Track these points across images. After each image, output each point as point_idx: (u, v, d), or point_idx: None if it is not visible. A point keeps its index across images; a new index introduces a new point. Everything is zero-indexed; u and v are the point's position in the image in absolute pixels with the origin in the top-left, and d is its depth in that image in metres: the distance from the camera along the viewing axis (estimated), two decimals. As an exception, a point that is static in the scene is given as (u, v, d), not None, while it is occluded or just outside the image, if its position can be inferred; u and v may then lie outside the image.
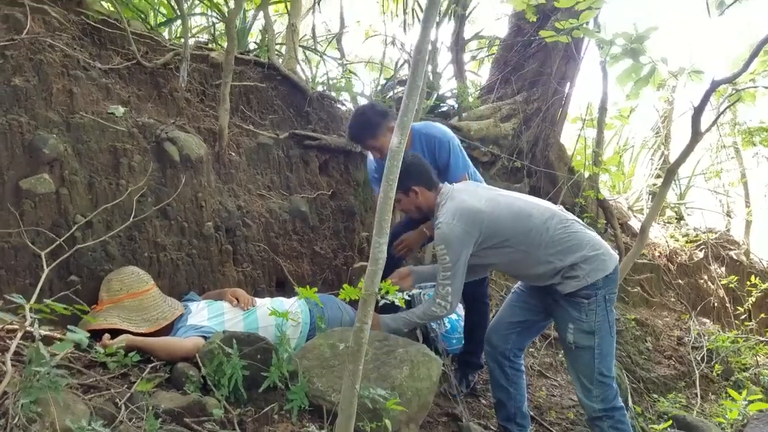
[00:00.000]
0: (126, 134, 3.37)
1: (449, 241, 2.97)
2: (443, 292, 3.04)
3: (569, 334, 3.06)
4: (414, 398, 3.01)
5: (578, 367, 3.13)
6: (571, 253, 3.00)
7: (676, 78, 5.53)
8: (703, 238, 8.75)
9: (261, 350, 2.87)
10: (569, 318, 3.05)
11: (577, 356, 3.10)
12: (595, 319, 3.00)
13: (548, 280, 3.07)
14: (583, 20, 5.10)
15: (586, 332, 3.02)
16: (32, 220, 2.97)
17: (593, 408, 3.08)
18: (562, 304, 3.07)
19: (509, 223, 3.04)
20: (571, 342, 3.06)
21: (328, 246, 4.36)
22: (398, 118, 2.33)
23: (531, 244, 3.02)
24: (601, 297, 3.00)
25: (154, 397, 2.54)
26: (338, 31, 7.38)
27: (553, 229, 3.03)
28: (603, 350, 3.04)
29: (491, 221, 3.02)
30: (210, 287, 3.55)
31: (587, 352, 3.04)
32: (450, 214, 3.00)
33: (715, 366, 6.38)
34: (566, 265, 2.99)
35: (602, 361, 3.04)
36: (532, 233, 3.02)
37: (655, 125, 10.25)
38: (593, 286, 2.98)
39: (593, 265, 2.99)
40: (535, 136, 6.50)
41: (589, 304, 2.99)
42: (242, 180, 4.00)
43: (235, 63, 4.33)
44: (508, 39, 6.94)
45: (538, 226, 3.03)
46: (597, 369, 3.04)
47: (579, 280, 2.97)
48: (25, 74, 3.14)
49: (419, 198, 3.17)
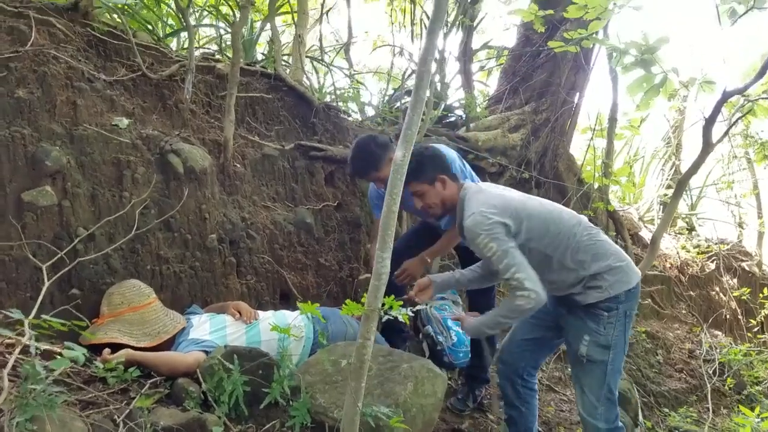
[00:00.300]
0: (130, 146, 3.35)
1: (486, 228, 2.76)
2: (515, 283, 2.73)
3: (583, 346, 2.91)
4: (418, 415, 2.96)
5: (587, 381, 2.97)
6: (596, 261, 2.86)
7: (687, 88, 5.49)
8: (714, 250, 8.64)
9: (262, 365, 2.83)
10: (585, 330, 2.91)
11: (587, 371, 2.95)
12: (612, 333, 2.86)
13: (567, 289, 2.93)
14: (592, 30, 5.08)
15: (602, 346, 2.88)
16: (34, 233, 2.95)
17: (596, 427, 2.95)
18: (579, 315, 2.93)
19: (540, 221, 2.88)
20: (584, 354, 2.91)
21: (333, 258, 4.33)
22: (402, 131, 2.30)
23: (557, 247, 2.87)
24: (621, 311, 2.86)
25: (154, 414, 2.51)
26: (346, 42, 7.38)
27: (580, 234, 2.89)
28: (615, 366, 2.92)
29: (524, 214, 2.86)
30: (213, 300, 3.51)
31: (599, 367, 2.90)
32: (480, 204, 2.83)
33: (728, 379, 6.28)
34: (590, 273, 2.85)
35: (612, 378, 2.92)
36: (561, 236, 2.87)
37: (666, 135, 10.18)
38: (615, 299, 2.85)
39: (617, 276, 2.86)
40: (544, 146, 6.45)
41: (608, 317, 2.85)
42: (247, 191, 3.97)
43: (242, 74, 4.33)
44: (517, 49, 6.91)
45: (567, 230, 2.89)
46: (607, 385, 2.91)
47: (601, 291, 2.84)
48: (29, 86, 3.13)
49: (445, 189, 3.00)
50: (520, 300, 2.72)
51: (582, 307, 2.90)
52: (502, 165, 5.85)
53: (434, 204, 3.05)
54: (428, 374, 3.05)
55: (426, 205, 3.06)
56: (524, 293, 2.70)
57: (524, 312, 2.76)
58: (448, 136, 5.49)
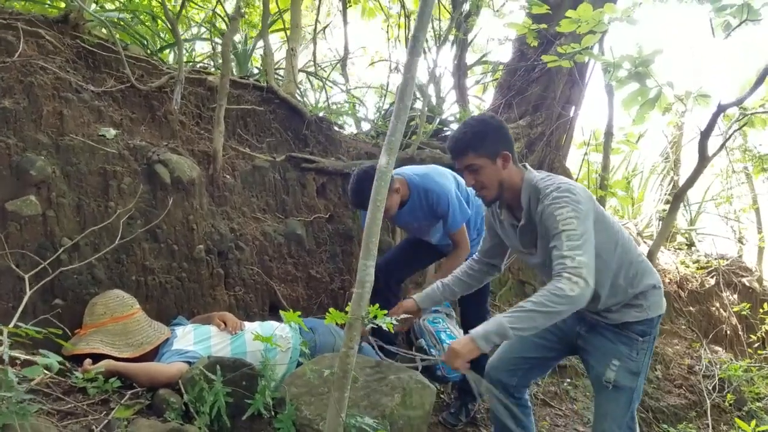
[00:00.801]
0: (116, 156, 3.33)
1: (577, 205, 2.37)
2: (573, 264, 2.27)
3: (611, 371, 2.62)
4: (406, 428, 2.90)
5: (611, 408, 2.67)
6: (643, 280, 2.61)
7: (683, 102, 5.47)
8: (714, 265, 8.58)
9: (246, 376, 2.78)
10: (616, 354, 2.63)
11: (613, 397, 2.66)
12: (643, 359, 2.63)
13: (597, 306, 2.61)
14: (586, 44, 5.08)
15: (632, 373, 2.62)
16: (17, 243, 2.92)
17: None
18: (607, 336, 2.67)
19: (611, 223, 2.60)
20: (611, 380, 2.62)
21: (324, 270, 4.29)
22: (386, 138, 2.28)
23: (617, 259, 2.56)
24: (652, 337, 2.65)
25: (133, 425, 2.46)
26: (342, 57, 7.40)
27: (635, 250, 2.64)
28: (639, 392, 2.68)
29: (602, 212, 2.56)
30: (200, 311, 3.47)
31: (626, 393, 2.64)
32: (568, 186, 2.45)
33: (728, 395, 6.20)
34: (636, 292, 2.60)
35: (635, 404, 2.68)
36: (618, 247, 2.58)
37: (664, 151, 10.16)
38: (650, 323, 2.63)
39: (657, 298, 2.64)
40: (540, 160, 6.43)
41: (642, 342, 2.62)
42: (236, 203, 3.95)
43: (233, 86, 4.33)
44: (512, 64, 6.93)
45: (625, 242, 2.62)
46: (630, 413, 2.66)
47: (640, 311, 2.60)
48: (15, 96, 3.13)
49: (507, 169, 2.56)
50: (566, 283, 2.25)
51: (612, 327, 2.67)
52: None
53: (490, 183, 2.57)
54: (417, 385, 3.00)
55: (480, 183, 2.58)
56: (574, 278, 2.25)
57: (568, 301, 2.25)
58: (442, 149, 5.47)
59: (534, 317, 2.29)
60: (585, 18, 4.74)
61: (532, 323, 2.31)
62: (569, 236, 2.32)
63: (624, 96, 5.09)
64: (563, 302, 2.25)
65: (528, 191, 2.54)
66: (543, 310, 2.27)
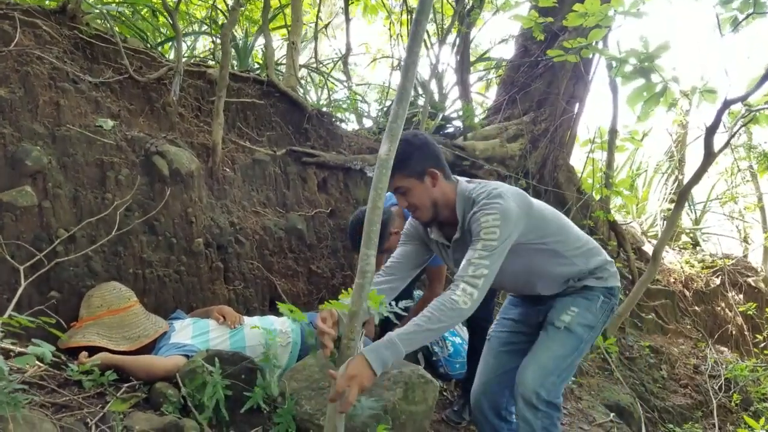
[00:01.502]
0: (114, 147, 3.27)
1: (504, 213, 2.35)
2: (475, 273, 2.27)
3: (567, 315, 2.61)
4: (408, 423, 2.84)
5: (555, 346, 2.60)
6: (594, 255, 2.70)
7: (688, 97, 5.42)
8: (719, 264, 8.51)
9: (245, 370, 2.73)
10: (575, 303, 2.64)
11: (560, 338, 2.60)
12: (599, 318, 2.66)
13: (561, 286, 2.68)
14: (592, 39, 5.02)
15: (587, 325, 2.62)
16: (13, 234, 2.86)
17: (536, 393, 2.50)
18: (571, 294, 2.68)
19: (550, 216, 2.66)
20: (565, 322, 2.60)
21: (325, 265, 4.23)
22: (388, 125, 2.22)
23: (564, 242, 2.62)
24: (610, 305, 2.70)
25: (129, 418, 2.41)
26: (344, 54, 7.36)
27: (577, 231, 2.74)
28: (582, 351, 2.66)
29: (538, 210, 2.59)
30: (199, 305, 3.41)
31: (574, 339, 2.60)
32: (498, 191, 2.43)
33: (734, 395, 6.13)
34: (591, 267, 2.66)
35: (576, 360, 2.65)
36: (565, 230, 2.67)
37: (669, 150, 10.10)
38: (611, 291, 2.69)
39: (613, 270, 2.74)
40: (543, 157, 6.37)
41: (602, 302, 2.65)
42: (236, 196, 3.89)
43: (234, 80, 4.28)
44: (515, 59, 6.87)
45: (568, 225, 2.72)
46: (570, 362, 2.61)
47: (603, 281, 2.67)
48: (11, 86, 3.07)
49: (437, 186, 2.49)
50: (461, 295, 2.25)
51: (576, 290, 2.68)
52: (500, 174, 5.76)
53: (422, 204, 2.51)
54: (419, 380, 2.94)
55: (412, 205, 2.52)
56: (469, 289, 2.26)
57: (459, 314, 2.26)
58: (445, 144, 5.41)
59: (426, 335, 2.27)
60: (592, 11, 4.68)
61: (424, 340, 2.31)
62: (485, 245, 2.31)
63: (629, 92, 5.03)
64: (454, 316, 2.25)
65: (462, 204, 2.51)
66: (434, 327, 2.24)
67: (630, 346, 6.14)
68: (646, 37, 4.80)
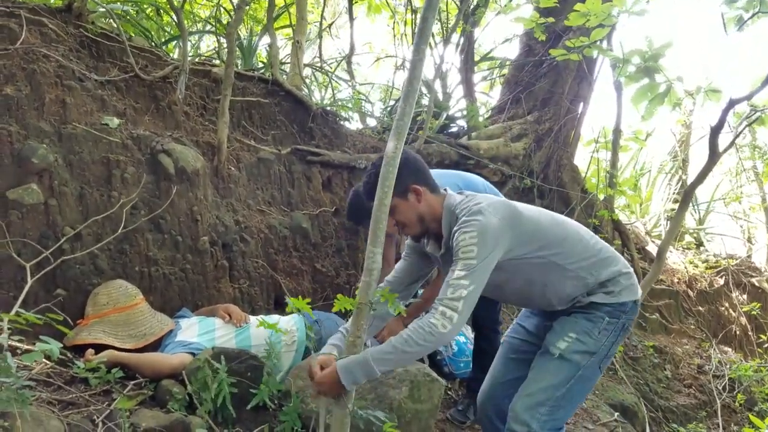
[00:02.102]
0: (120, 146, 3.28)
1: (482, 230, 2.28)
2: (454, 296, 2.22)
3: (564, 341, 2.47)
4: (414, 421, 2.85)
5: (547, 376, 2.49)
6: (606, 267, 2.52)
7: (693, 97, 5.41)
8: (723, 265, 8.48)
9: (251, 367, 2.74)
10: (575, 327, 2.49)
11: (553, 366, 2.49)
12: (603, 341, 2.48)
13: (571, 302, 2.54)
14: (595, 38, 5.00)
15: (587, 351, 2.47)
16: (19, 231, 2.88)
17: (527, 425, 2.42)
18: (574, 315, 2.53)
19: (547, 227, 2.50)
20: (560, 349, 2.47)
21: (330, 264, 4.23)
22: (394, 122, 2.23)
23: (566, 253, 2.47)
24: (621, 323, 2.50)
25: (135, 415, 2.42)
26: (348, 54, 7.36)
27: (586, 240, 2.56)
28: (585, 376, 2.49)
29: (530, 222, 2.47)
30: (204, 304, 3.42)
31: (570, 368, 2.46)
32: (479, 207, 2.37)
33: (738, 395, 6.12)
34: (601, 280, 2.49)
35: (577, 386, 2.49)
36: (568, 241, 2.50)
37: (673, 149, 10.07)
38: (621, 307, 2.50)
39: (628, 283, 2.54)
40: (547, 156, 6.35)
41: (607, 323, 2.47)
42: (241, 195, 3.89)
43: (238, 79, 4.28)
44: (519, 59, 6.86)
45: (573, 234, 2.54)
46: (567, 390, 2.46)
47: (611, 295, 2.49)
48: (17, 84, 3.08)
49: (422, 202, 2.47)
50: (440, 318, 2.19)
51: (582, 307, 2.53)
52: (504, 174, 5.76)
53: (409, 221, 2.50)
54: (425, 379, 2.95)
55: (400, 223, 2.52)
56: (448, 312, 2.20)
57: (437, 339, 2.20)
58: (449, 143, 5.41)
59: (402, 357, 2.24)
60: (594, 11, 4.67)
61: (399, 362, 2.32)
62: (464, 265, 2.26)
63: (633, 92, 5.02)
64: (433, 340, 2.20)
65: (448, 218, 2.48)
66: (411, 350, 2.21)
67: (634, 345, 6.13)
68: (650, 37, 4.80)
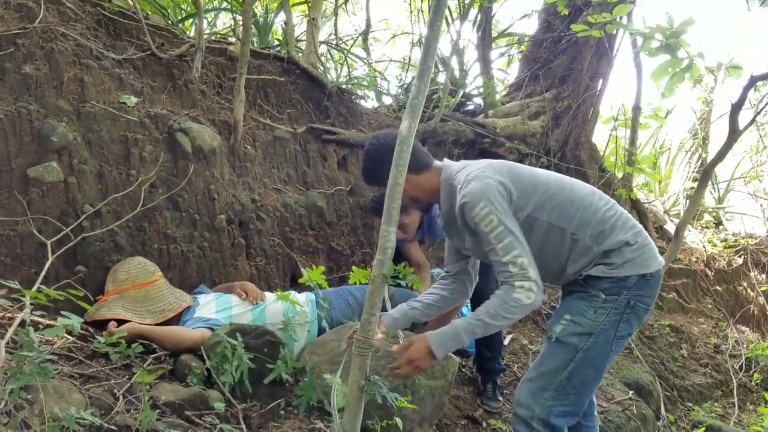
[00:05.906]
0: (138, 124, 3.31)
1: (487, 195, 2.23)
2: (516, 270, 2.16)
3: (560, 324, 2.36)
4: (427, 397, 2.88)
5: (545, 361, 2.40)
6: (611, 235, 2.32)
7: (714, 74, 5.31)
8: (742, 244, 8.40)
9: (267, 343, 2.77)
10: (570, 308, 2.38)
11: (551, 351, 2.39)
12: (601, 321, 2.31)
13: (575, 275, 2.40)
14: (617, 14, 4.94)
15: (583, 332, 2.32)
16: (39, 209, 2.92)
17: (530, 410, 2.35)
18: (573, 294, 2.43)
19: (549, 188, 2.37)
20: (556, 333, 2.37)
21: (345, 242, 4.25)
22: (408, 101, 2.22)
23: (573, 221, 2.33)
24: (623, 300, 2.30)
25: (155, 389, 2.47)
26: (364, 30, 7.32)
27: (596, 205, 2.38)
28: (587, 358, 2.32)
29: (525, 172, 2.39)
30: (221, 281, 3.46)
31: (567, 351, 2.34)
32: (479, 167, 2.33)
33: (754, 375, 6.10)
34: (604, 249, 2.32)
35: (579, 370, 2.34)
36: (575, 205, 2.35)
37: (693, 127, 9.94)
38: (622, 282, 2.29)
39: (633, 255, 2.30)
40: (565, 134, 6.30)
41: (604, 300, 2.30)
42: (257, 173, 3.92)
43: (254, 57, 4.28)
44: (538, 35, 6.77)
45: (581, 199, 2.37)
46: (567, 374, 2.33)
47: (611, 268, 2.30)
48: (36, 62, 3.10)
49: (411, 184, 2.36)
50: (520, 292, 2.16)
51: (580, 284, 2.39)
52: (520, 152, 5.73)
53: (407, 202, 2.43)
54: (439, 356, 2.97)
55: None
56: (526, 284, 2.16)
57: (524, 309, 2.20)
58: (465, 122, 5.38)
59: (489, 327, 2.26)
60: (617, -14, 4.62)
61: (488, 332, 2.31)
62: (496, 236, 2.22)
63: (653, 68, 4.97)
64: (520, 311, 2.22)
65: (446, 190, 2.47)
66: (498, 323, 2.24)
67: (650, 324, 6.12)
68: (671, 13, 4.73)
